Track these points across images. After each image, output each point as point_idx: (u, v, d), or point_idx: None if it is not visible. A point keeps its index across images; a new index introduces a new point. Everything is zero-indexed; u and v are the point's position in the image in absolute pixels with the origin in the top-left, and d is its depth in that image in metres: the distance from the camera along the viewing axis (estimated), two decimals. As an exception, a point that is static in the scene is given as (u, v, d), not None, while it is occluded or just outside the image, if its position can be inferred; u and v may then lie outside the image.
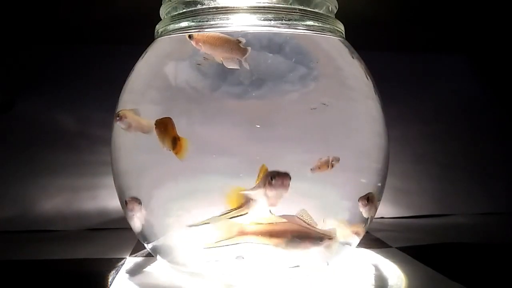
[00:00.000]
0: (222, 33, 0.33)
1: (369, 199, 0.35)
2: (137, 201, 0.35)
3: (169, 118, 0.32)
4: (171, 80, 0.35)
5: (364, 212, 0.35)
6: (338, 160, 0.32)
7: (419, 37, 0.64)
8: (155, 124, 0.32)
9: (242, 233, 0.31)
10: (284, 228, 0.31)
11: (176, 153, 0.32)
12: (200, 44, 0.33)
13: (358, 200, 0.34)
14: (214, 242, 0.32)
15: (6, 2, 0.51)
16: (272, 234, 0.31)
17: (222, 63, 0.32)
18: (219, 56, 0.32)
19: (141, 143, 0.34)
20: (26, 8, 0.52)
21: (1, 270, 0.40)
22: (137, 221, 0.36)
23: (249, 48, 0.32)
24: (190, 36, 0.33)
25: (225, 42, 0.32)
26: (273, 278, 0.35)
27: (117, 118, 0.35)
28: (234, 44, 0.32)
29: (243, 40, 0.32)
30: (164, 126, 0.32)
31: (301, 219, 0.31)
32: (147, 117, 0.33)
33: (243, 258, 0.32)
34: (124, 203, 0.36)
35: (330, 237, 0.32)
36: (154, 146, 0.32)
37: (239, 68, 0.32)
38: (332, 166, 0.32)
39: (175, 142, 0.32)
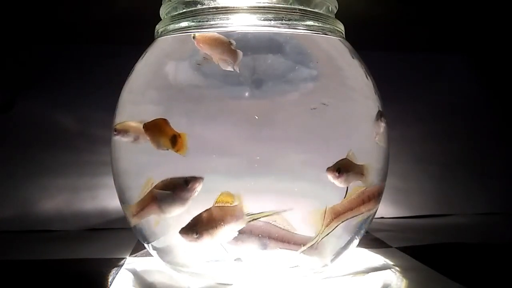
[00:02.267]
0: (221, 33, 0.33)
1: (341, 170, 0.31)
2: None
3: (163, 119, 0.32)
4: (171, 80, 0.35)
5: (338, 183, 0.32)
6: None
7: (419, 37, 0.64)
8: (144, 127, 0.32)
9: (338, 214, 0.32)
10: (363, 194, 0.34)
11: (177, 150, 0.31)
12: (200, 44, 0.33)
13: (326, 171, 0.32)
14: (316, 236, 0.32)
15: (6, 2, 0.51)
16: (360, 203, 0.33)
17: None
18: (215, 57, 0.32)
19: (141, 143, 0.34)
20: (26, 8, 0.52)
21: (1, 270, 0.40)
22: None
23: (239, 52, 0.32)
24: (194, 37, 0.33)
25: (219, 44, 0.32)
26: (273, 278, 0.35)
27: (115, 133, 0.35)
28: (226, 45, 0.32)
29: (234, 42, 0.32)
30: (158, 127, 0.32)
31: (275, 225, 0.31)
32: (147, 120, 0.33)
33: (241, 260, 0.32)
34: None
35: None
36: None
37: (232, 70, 0.32)
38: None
39: (175, 140, 0.31)
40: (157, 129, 0.32)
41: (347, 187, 0.33)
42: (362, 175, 0.34)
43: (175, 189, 0.32)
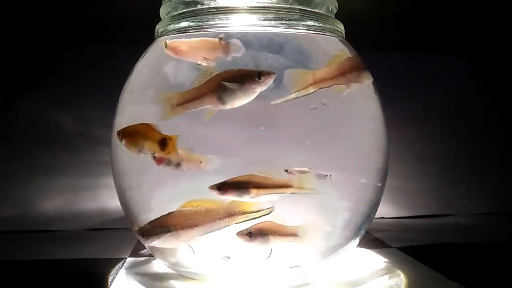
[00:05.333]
0: (220, 33, 0.33)
1: (252, 234, 0.31)
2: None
3: (145, 124, 0.32)
4: (171, 80, 0.35)
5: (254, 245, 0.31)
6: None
7: (419, 37, 0.64)
8: (121, 134, 0.33)
9: (318, 79, 0.32)
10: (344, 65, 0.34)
11: (168, 153, 0.31)
12: (178, 51, 0.33)
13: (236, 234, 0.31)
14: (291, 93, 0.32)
15: (7, 2, 0.51)
16: (341, 72, 0.34)
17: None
18: (199, 58, 0.33)
19: (184, 170, 0.34)
20: (26, 8, 0.52)
21: (1, 270, 0.40)
22: None
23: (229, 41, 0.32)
24: (165, 44, 0.33)
25: (211, 45, 0.32)
26: (273, 278, 0.35)
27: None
28: (216, 43, 0.32)
29: (223, 37, 0.32)
30: (140, 133, 0.32)
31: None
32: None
33: (228, 258, 0.32)
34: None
35: None
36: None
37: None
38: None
39: (164, 143, 0.31)
40: (139, 134, 0.32)
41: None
42: (294, 236, 0.32)
43: (244, 81, 0.30)
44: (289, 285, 0.34)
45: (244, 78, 0.30)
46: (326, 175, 0.32)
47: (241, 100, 0.31)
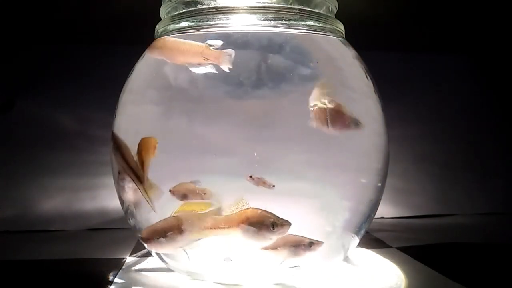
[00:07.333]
0: (221, 33, 0.33)
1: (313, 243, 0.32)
2: None
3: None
4: (171, 80, 0.35)
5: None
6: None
7: (419, 37, 0.64)
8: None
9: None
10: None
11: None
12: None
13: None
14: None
15: (6, 2, 0.51)
16: None
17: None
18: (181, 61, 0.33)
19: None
20: (26, 8, 0.52)
21: (1, 270, 0.40)
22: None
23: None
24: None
25: (191, 46, 0.33)
26: (273, 278, 0.35)
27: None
28: (205, 48, 0.32)
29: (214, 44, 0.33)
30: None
31: None
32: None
33: (230, 260, 0.32)
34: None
35: None
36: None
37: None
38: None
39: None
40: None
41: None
42: None
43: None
44: (289, 285, 0.34)
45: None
46: (273, 186, 0.31)
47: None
